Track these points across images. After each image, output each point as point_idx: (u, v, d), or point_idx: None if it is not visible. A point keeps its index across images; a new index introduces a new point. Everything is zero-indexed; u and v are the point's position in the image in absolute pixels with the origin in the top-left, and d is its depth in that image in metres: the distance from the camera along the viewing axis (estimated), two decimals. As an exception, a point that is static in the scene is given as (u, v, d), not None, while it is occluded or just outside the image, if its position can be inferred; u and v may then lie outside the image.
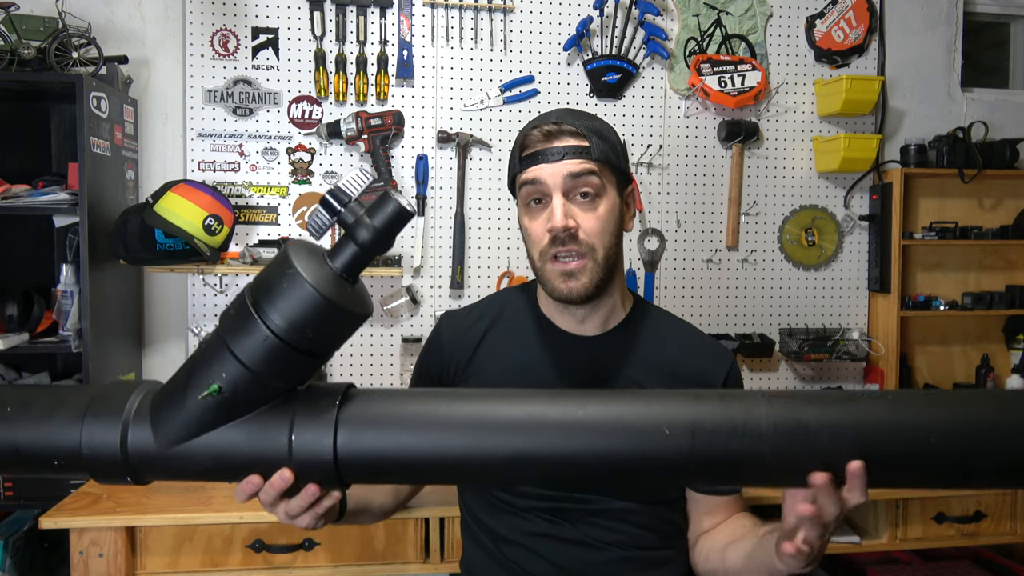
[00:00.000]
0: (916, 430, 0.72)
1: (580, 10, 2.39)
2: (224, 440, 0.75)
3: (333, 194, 0.74)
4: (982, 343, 2.65)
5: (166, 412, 0.76)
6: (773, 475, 0.76)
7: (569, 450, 0.75)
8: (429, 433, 0.76)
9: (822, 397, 0.77)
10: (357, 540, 1.62)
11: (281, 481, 0.75)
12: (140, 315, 2.26)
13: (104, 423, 0.76)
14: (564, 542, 1.09)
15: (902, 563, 2.07)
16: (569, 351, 1.13)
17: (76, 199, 1.88)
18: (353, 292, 0.76)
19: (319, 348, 0.75)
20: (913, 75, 2.61)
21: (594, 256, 1.05)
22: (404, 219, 0.74)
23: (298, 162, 2.28)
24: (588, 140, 1.05)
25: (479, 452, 0.75)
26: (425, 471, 0.78)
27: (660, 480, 0.88)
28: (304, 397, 0.77)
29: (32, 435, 0.76)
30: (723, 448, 0.73)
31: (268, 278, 0.73)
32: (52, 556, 2.03)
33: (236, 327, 0.73)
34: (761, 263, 2.53)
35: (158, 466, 0.77)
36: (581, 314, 1.12)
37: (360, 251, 0.74)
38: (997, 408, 0.73)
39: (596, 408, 0.77)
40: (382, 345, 2.34)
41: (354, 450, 0.75)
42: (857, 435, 0.73)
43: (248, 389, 0.74)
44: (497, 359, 1.16)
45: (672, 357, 1.14)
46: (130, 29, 2.23)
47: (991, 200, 2.65)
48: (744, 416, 0.74)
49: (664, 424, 0.74)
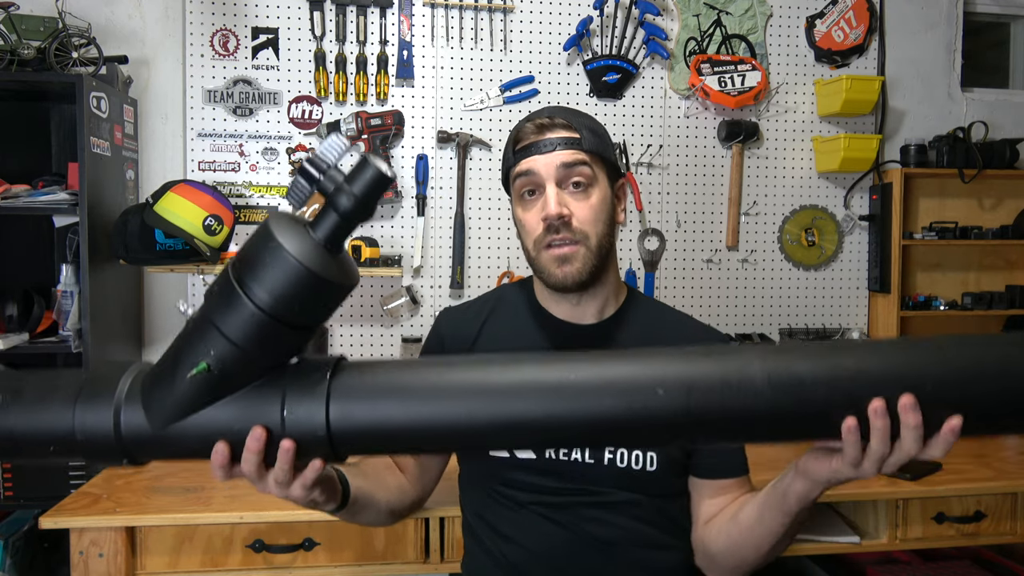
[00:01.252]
0: (910, 378, 0.73)
1: (580, 10, 2.39)
2: (216, 417, 0.75)
3: (311, 162, 0.73)
4: (982, 343, 2.65)
5: (157, 392, 0.75)
6: (771, 429, 0.76)
7: (564, 413, 0.75)
8: (422, 401, 0.76)
9: (815, 349, 0.77)
10: (357, 540, 1.62)
11: (255, 441, 0.73)
12: (140, 315, 2.26)
13: (97, 407, 0.75)
14: (563, 539, 1.09)
15: (902, 563, 2.07)
16: (566, 339, 1.14)
17: (76, 199, 1.88)
18: (338, 262, 0.74)
19: (306, 321, 0.74)
20: (913, 75, 2.61)
21: (587, 243, 1.08)
22: (384, 184, 0.73)
23: (298, 162, 2.28)
24: (579, 132, 1.08)
25: (474, 418, 0.75)
26: (419, 439, 0.78)
27: (657, 439, 0.89)
28: (294, 371, 0.77)
29: (26, 422, 0.76)
30: (718, 404, 0.73)
31: (250, 252, 0.72)
32: (52, 556, 2.03)
33: (221, 304, 0.72)
34: (761, 263, 2.53)
35: (153, 447, 0.76)
36: (576, 300, 1.14)
37: (342, 220, 0.73)
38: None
39: (589, 370, 0.77)
40: (382, 345, 2.34)
41: (347, 421, 0.75)
42: (852, 387, 0.73)
43: (237, 366, 0.73)
44: (495, 350, 1.17)
45: (667, 344, 1.14)
46: (130, 29, 2.23)
47: (991, 200, 2.65)
48: (739, 372, 0.74)
49: (658, 384, 0.74)
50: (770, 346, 0.79)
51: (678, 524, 1.15)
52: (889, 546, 1.79)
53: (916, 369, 0.74)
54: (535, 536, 1.10)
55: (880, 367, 0.75)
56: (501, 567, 1.12)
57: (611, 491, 1.10)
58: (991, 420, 0.75)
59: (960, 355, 0.74)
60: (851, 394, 0.73)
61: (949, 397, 0.73)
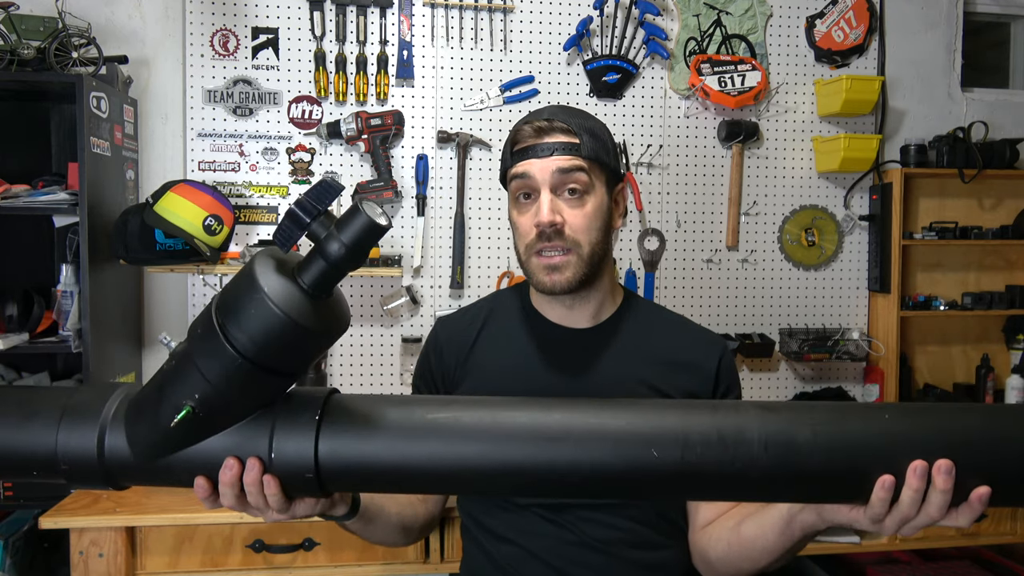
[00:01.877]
0: (909, 451, 0.72)
1: (580, 10, 2.39)
2: (203, 454, 0.74)
3: (300, 206, 0.70)
4: (982, 343, 2.65)
5: (141, 428, 0.74)
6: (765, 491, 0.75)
7: (553, 462, 0.74)
8: (412, 443, 0.74)
9: (813, 411, 0.76)
10: (357, 540, 1.62)
11: (228, 471, 0.74)
12: (140, 315, 2.26)
13: (80, 432, 0.74)
14: (562, 541, 1.09)
15: (902, 563, 2.07)
16: (561, 344, 1.14)
17: (76, 199, 1.88)
18: (324, 308, 0.72)
19: (291, 368, 0.73)
20: (913, 75, 2.61)
21: (579, 252, 1.06)
22: (376, 234, 0.70)
23: (298, 162, 2.28)
24: (579, 137, 1.06)
25: (463, 463, 0.74)
26: (406, 480, 0.76)
27: (649, 494, 0.87)
28: (284, 406, 0.75)
29: (6, 443, 0.74)
30: (714, 468, 0.73)
31: (233, 298, 0.70)
32: (52, 556, 2.03)
33: (204, 347, 0.70)
34: (761, 263, 2.53)
35: (137, 476, 0.76)
36: (568, 303, 1.13)
37: (330, 267, 0.71)
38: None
39: (585, 419, 0.76)
40: (382, 345, 2.34)
41: (336, 460, 0.74)
42: (851, 456, 0.73)
43: (221, 408, 0.72)
44: (492, 355, 1.16)
45: (663, 347, 1.15)
46: (130, 29, 2.23)
47: (991, 200, 2.65)
48: (736, 435, 0.73)
49: (653, 441, 0.73)
50: (771, 406, 0.78)
51: (676, 525, 1.15)
52: (889, 546, 1.79)
53: (944, 436, 0.73)
54: (533, 537, 1.10)
55: (899, 434, 0.73)
56: (499, 568, 1.12)
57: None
58: (1019, 492, 0.73)
59: (989, 424, 0.74)
60: (884, 453, 0.72)
61: (979, 466, 0.72)
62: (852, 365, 2.56)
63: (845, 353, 2.46)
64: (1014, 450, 0.72)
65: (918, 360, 2.62)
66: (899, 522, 0.75)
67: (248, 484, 0.75)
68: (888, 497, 0.73)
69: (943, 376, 2.64)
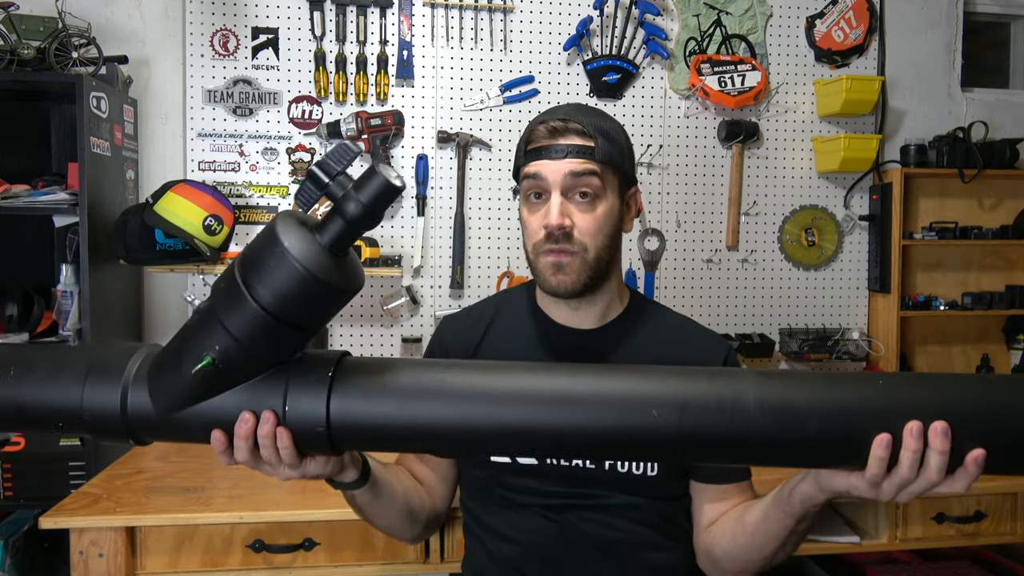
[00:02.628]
0: (905, 414, 0.73)
1: (580, 10, 2.39)
2: (219, 408, 0.77)
3: (320, 166, 0.74)
4: (982, 343, 2.65)
5: (163, 380, 0.77)
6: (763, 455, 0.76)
7: (558, 423, 0.76)
8: (420, 403, 0.77)
9: (811, 378, 0.77)
10: (357, 540, 1.62)
11: (243, 425, 0.76)
12: (140, 315, 2.26)
13: (105, 387, 0.78)
14: (563, 540, 1.09)
15: (902, 563, 2.07)
16: (567, 345, 1.14)
17: (76, 199, 1.88)
18: (342, 266, 0.76)
19: (310, 322, 0.76)
20: (913, 75, 2.61)
21: (585, 255, 1.06)
22: (392, 194, 0.74)
23: (298, 162, 2.28)
24: (593, 140, 1.05)
25: (470, 423, 0.77)
26: (416, 439, 0.79)
27: (648, 455, 0.89)
28: (299, 364, 0.79)
29: (35, 395, 0.78)
30: (711, 428, 0.74)
31: (256, 254, 0.73)
32: (52, 556, 2.03)
33: (226, 301, 0.74)
34: (761, 263, 2.53)
35: (157, 430, 0.79)
36: (574, 304, 1.13)
37: (348, 226, 0.74)
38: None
39: (587, 383, 0.78)
40: (382, 345, 2.34)
41: (347, 417, 0.77)
42: (846, 419, 0.74)
43: (240, 361, 0.75)
44: (498, 355, 1.16)
45: (668, 350, 1.15)
46: (130, 29, 2.23)
47: (991, 200, 2.65)
48: (733, 397, 0.75)
49: (653, 404, 0.75)
50: (768, 372, 0.79)
51: (678, 526, 1.15)
52: (889, 546, 1.79)
53: (938, 400, 0.74)
54: (535, 537, 1.10)
55: (894, 398, 0.74)
56: (501, 567, 1.13)
57: (611, 495, 1.10)
58: (1016, 458, 0.74)
59: (984, 389, 0.75)
60: (879, 416, 0.73)
61: (974, 429, 0.73)
62: (852, 365, 2.56)
63: (845, 353, 2.46)
64: (1009, 415, 0.73)
65: (918, 360, 2.62)
66: (897, 486, 0.75)
67: (262, 437, 0.77)
68: (886, 457, 0.73)
69: (943, 376, 2.64)
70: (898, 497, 0.76)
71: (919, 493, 0.76)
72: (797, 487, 0.89)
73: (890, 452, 0.73)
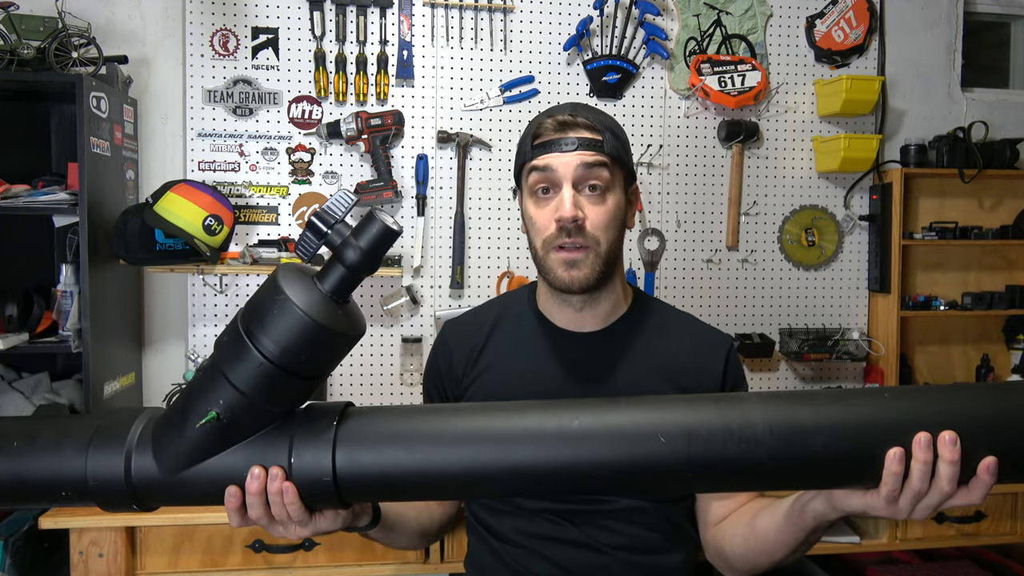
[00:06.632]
0: (913, 426, 0.73)
1: (580, 10, 2.39)
2: (225, 465, 0.76)
3: (319, 216, 0.75)
4: (982, 343, 2.65)
5: (167, 440, 0.77)
6: (774, 478, 0.75)
7: (566, 461, 0.76)
8: (427, 449, 0.77)
9: (815, 397, 0.77)
10: (357, 540, 1.62)
11: (254, 481, 0.75)
12: (140, 315, 2.26)
13: (108, 453, 0.77)
14: (569, 544, 1.09)
15: (902, 563, 2.07)
16: (570, 350, 1.13)
17: (76, 199, 1.88)
18: (344, 313, 0.76)
19: (313, 371, 0.76)
20: (913, 75, 2.61)
21: (597, 249, 1.06)
22: (390, 238, 0.74)
23: (298, 162, 2.28)
24: (602, 134, 1.06)
25: (478, 467, 0.76)
26: (424, 487, 0.79)
27: (659, 487, 0.88)
28: (302, 418, 0.78)
29: (38, 468, 0.77)
30: (719, 453, 0.74)
31: (259, 304, 0.74)
32: (52, 556, 2.03)
33: (230, 354, 0.74)
34: (761, 263, 2.53)
35: (162, 493, 0.78)
36: (579, 305, 1.12)
37: (348, 272, 0.75)
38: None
39: (591, 418, 0.77)
40: (382, 345, 2.34)
41: (353, 469, 0.76)
42: (856, 435, 0.73)
43: (246, 414, 0.75)
44: (500, 362, 1.16)
45: (672, 351, 1.14)
46: (130, 29, 2.23)
47: (991, 200, 2.65)
48: (740, 421, 0.74)
49: (660, 432, 0.75)
50: (772, 394, 0.79)
51: (681, 529, 1.15)
52: (889, 546, 1.79)
53: (944, 410, 0.74)
54: (540, 540, 1.10)
55: (901, 411, 0.74)
56: (505, 564, 1.13)
57: (616, 499, 1.10)
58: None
59: (990, 398, 0.75)
60: (889, 430, 0.73)
61: (983, 438, 0.72)
62: (852, 365, 2.56)
63: (845, 353, 2.46)
64: (1018, 421, 0.73)
65: (918, 360, 2.62)
66: (912, 500, 0.74)
67: (272, 494, 0.76)
68: (901, 471, 0.72)
69: (943, 376, 2.64)
70: (914, 513, 0.76)
71: (935, 507, 0.75)
72: (810, 504, 0.88)
73: (904, 465, 0.72)
